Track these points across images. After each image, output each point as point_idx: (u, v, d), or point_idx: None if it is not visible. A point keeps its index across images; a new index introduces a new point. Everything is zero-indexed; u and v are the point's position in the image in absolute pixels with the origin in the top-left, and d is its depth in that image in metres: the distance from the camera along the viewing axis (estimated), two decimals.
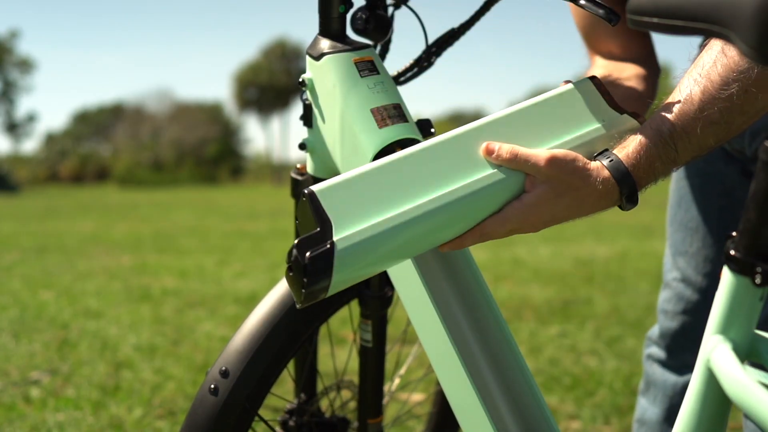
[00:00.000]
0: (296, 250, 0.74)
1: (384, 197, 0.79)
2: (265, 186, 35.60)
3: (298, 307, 0.77)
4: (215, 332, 3.50)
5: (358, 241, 0.76)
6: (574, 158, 0.83)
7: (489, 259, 5.87)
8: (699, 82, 0.81)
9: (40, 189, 33.93)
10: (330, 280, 0.75)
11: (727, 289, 0.67)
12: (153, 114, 48.76)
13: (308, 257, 0.74)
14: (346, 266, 0.76)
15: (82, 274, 5.43)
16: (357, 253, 0.76)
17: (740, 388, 0.62)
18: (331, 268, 0.75)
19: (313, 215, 0.76)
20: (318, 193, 0.77)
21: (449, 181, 0.82)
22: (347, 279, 0.77)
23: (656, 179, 0.85)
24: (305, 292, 0.75)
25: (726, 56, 0.80)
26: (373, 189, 0.79)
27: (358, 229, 0.76)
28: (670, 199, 1.35)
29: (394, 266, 0.97)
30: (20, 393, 2.61)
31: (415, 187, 0.81)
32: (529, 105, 0.90)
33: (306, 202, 0.76)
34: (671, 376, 1.34)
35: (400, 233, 0.79)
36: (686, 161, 0.84)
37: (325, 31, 1.02)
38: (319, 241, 0.75)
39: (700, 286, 1.29)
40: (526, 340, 3.32)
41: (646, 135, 0.82)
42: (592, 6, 0.88)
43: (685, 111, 0.81)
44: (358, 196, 0.78)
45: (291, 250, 0.75)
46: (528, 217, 0.83)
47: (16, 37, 45.42)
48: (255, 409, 0.99)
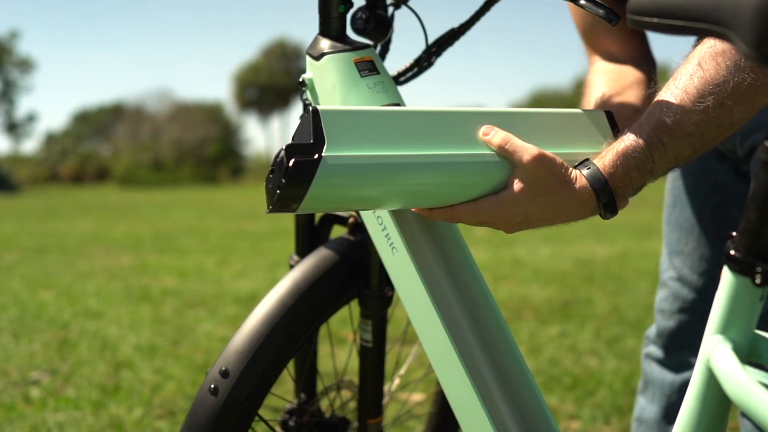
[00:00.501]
0: (284, 152, 0.77)
1: (380, 138, 0.83)
2: None
3: (267, 212, 0.81)
4: (215, 332, 3.50)
5: (343, 165, 0.79)
6: (559, 162, 0.85)
7: (489, 259, 5.87)
8: (676, 94, 0.83)
9: (40, 189, 33.92)
10: (306, 191, 0.78)
11: (727, 289, 0.67)
12: (153, 114, 48.74)
13: (294, 161, 0.77)
14: (324, 184, 0.79)
15: (82, 274, 5.43)
16: (338, 175, 0.79)
17: (740, 388, 0.62)
18: (311, 179, 0.78)
19: (311, 129, 0.79)
20: (321, 112, 0.80)
21: (441, 146, 0.85)
22: (321, 198, 0.80)
23: (634, 189, 0.86)
24: (279, 194, 0.78)
25: (702, 69, 0.82)
26: (374, 127, 0.83)
27: (346, 154, 0.80)
28: (666, 199, 1.36)
29: (394, 267, 0.97)
30: (20, 393, 2.61)
31: (410, 140, 0.84)
32: (540, 112, 0.93)
33: (308, 116, 0.79)
34: (669, 375, 1.35)
35: (382, 174, 0.82)
36: (664, 172, 0.86)
37: (325, 31, 1.02)
38: (308, 152, 0.78)
39: (696, 285, 1.30)
40: (526, 340, 3.32)
41: (624, 145, 0.84)
42: (592, 6, 0.88)
43: (662, 122, 0.83)
44: (358, 127, 0.82)
45: (278, 153, 0.78)
46: (500, 212, 0.85)
47: (16, 37, 45.43)
48: (255, 409, 0.99)
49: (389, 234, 0.96)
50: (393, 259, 0.96)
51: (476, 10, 1.11)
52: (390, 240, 0.96)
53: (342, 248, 1.10)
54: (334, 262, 1.07)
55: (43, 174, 45.56)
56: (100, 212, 13.87)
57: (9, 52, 43.92)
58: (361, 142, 0.81)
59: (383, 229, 0.96)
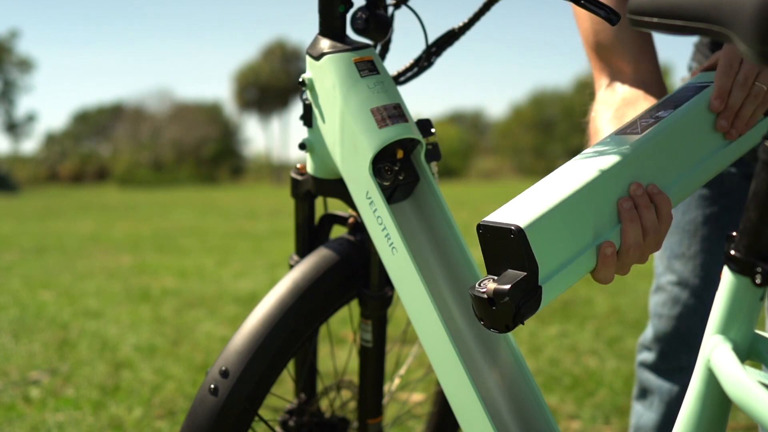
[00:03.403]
0: (509, 297, 0.74)
1: (574, 230, 0.80)
2: (265, 186, 35.59)
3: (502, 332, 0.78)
4: (215, 332, 3.50)
5: (559, 283, 0.78)
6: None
7: None
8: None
9: (39, 189, 33.93)
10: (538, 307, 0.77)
11: (728, 289, 0.67)
12: (153, 114, 48.74)
13: (521, 303, 0.75)
14: (546, 302, 0.78)
15: (82, 274, 5.42)
16: (556, 292, 0.78)
17: (740, 388, 0.62)
18: (537, 309, 0.77)
19: (523, 256, 0.75)
20: (528, 232, 0.75)
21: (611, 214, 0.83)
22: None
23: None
24: (510, 326, 0.76)
25: None
26: (566, 220, 0.79)
27: (560, 272, 0.78)
28: None
29: (394, 267, 0.97)
30: (20, 393, 2.61)
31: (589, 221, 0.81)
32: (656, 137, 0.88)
33: (515, 239, 0.75)
34: (666, 382, 1.34)
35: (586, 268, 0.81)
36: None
37: (325, 31, 1.03)
38: (529, 286, 0.75)
39: (697, 289, 1.29)
40: (526, 340, 3.32)
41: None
42: (592, 6, 0.88)
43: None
44: (556, 230, 0.78)
45: (498, 290, 0.74)
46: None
47: (16, 37, 45.46)
48: (255, 409, 0.99)
49: (389, 234, 0.96)
50: (393, 259, 0.96)
51: (476, 10, 1.11)
52: (390, 240, 0.96)
53: (342, 248, 1.10)
54: (334, 262, 1.07)
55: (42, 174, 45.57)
56: (100, 212, 13.86)
57: (9, 52, 43.91)
58: (564, 245, 0.78)
59: (383, 229, 0.96)
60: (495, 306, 0.75)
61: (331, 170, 1.06)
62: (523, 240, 0.74)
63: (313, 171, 1.09)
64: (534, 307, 0.76)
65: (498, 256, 0.77)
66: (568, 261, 0.79)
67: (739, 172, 1.22)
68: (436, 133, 1.06)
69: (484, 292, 0.75)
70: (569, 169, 0.84)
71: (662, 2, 0.68)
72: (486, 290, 0.75)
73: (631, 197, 0.83)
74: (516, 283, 0.74)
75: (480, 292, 0.76)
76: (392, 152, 1.00)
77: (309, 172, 1.10)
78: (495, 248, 0.77)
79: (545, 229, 0.76)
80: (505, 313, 0.75)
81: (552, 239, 0.77)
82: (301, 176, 1.13)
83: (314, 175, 1.09)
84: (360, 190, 0.98)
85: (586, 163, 0.84)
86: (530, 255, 0.75)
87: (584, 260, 0.80)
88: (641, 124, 0.90)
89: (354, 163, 0.98)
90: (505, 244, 0.76)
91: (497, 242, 0.77)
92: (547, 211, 0.77)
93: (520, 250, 0.75)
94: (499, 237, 0.76)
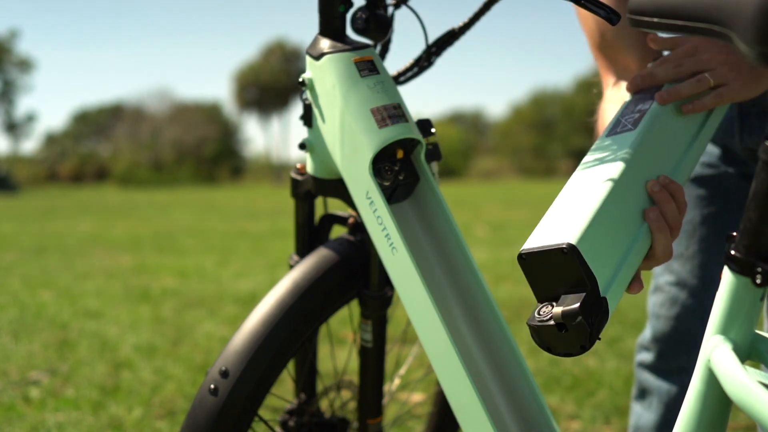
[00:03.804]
0: (581, 316, 0.73)
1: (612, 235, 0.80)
2: (265, 186, 35.58)
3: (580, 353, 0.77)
4: (215, 332, 3.50)
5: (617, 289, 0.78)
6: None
7: (489, 259, 5.87)
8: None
9: (39, 189, 33.92)
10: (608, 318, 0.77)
11: (728, 289, 0.67)
12: (152, 114, 48.71)
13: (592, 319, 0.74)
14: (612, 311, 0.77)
15: (82, 274, 5.42)
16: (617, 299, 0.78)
17: (741, 388, 0.62)
18: (607, 320, 0.76)
19: (580, 272, 0.74)
20: (579, 246, 0.74)
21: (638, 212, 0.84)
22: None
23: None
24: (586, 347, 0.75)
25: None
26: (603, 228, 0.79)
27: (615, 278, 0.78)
28: None
29: (394, 267, 0.97)
30: (20, 393, 2.61)
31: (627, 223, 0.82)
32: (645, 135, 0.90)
33: (569, 257, 0.74)
34: (665, 382, 1.34)
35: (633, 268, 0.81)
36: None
37: (325, 31, 1.02)
38: (595, 300, 0.74)
39: (696, 289, 1.29)
40: (526, 340, 3.32)
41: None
42: (592, 6, 0.88)
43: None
44: (599, 239, 0.77)
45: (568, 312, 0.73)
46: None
47: (16, 37, 45.47)
48: (255, 409, 0.99)
49: (389, 234, 0.96)
50: (393, 259, 0.96)
51: (476, 10, 1.10)
52: (390, 240, 0.96)
53: (342, 248, 1.10)
54: (334, 262, 1.07)
55: (42, 174, 45.55)
56: (100, 212, 13.86)
57: (9, 52, 43.89)
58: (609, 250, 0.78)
59: (383, 229, 0.96)
60: (566, 330, 0.73)
61: (331, 170, 1.06)
62: (577, 256, 0.73)
63: (313, 171, 1.09)
64: (604, 319, 0.75)
65: (549, 281, 0.76)
66: (618, 266, 0.78)
67: (737, 172, 1.22)
68: (436, 133, 1.06)
69: (550, 318, 0.74)
70: (583, 179, 0.85)
71: (662, 2, 0.68)
72: (552, 316, 0.73)
73: (652, 196, 0.84)
74: (584, 300, 0.73)
75: (543, 320, 0.74)
76: (392, 152, 1.00)
77: (309, 172, 1.10)
78: (544, 273, 0.76)
79: (591, 240, 0.76)
80: (579, 334, 0.73)
81: (599, 249, 0.76)
82: (301, 176, 1.13)
83: (314, 175, 1.09)
84: (360, 190, 0.98)
85: (597, 170, 0.85)
86: (587, 269, 0.74)
87: (631, 261, 0.80)
88: (627, 120, 0.91)
89: (354, 163, 0.98)
90: (557, 265, 0.74)
91: (546, 267, 0.75)
92: (588, 223, 0.77)
93: (576, 266, 0.74)
94: (548, 261, 0.75)
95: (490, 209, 12.40)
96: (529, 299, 4.22)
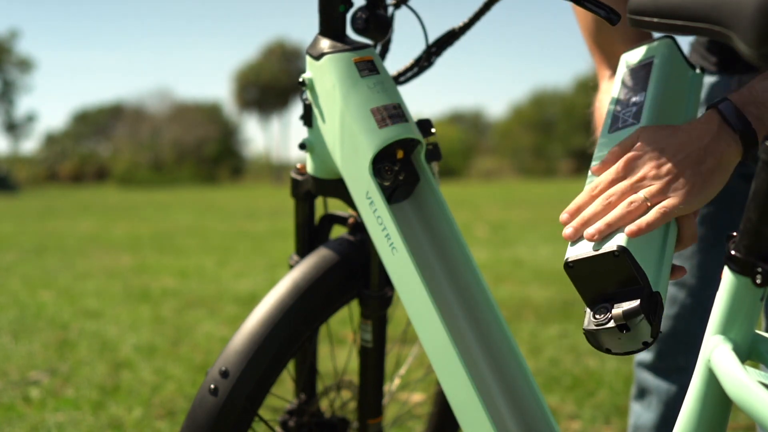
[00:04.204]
0: (643, 313, 0.74)
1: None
2: (265, 186, 35.58)
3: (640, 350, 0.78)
4: (215, 332, 3.50)
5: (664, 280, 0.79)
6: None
7: (489, 259, 5.87)
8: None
9: (39, 189, 33.93)
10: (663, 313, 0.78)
11: (728, 289, 0.67)
12: (153, 114, 48.71)
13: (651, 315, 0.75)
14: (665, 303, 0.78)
15: (82, 274, 5.42)
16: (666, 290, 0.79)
17: (741, 388, 0.62)
18: (663, 314, 0.77)
19: (632, 272, 0.75)
20: (630, 249, 0.75)
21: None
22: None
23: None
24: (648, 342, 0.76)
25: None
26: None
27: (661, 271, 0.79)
28: None
29: (394, 267, 0.97)
30: (20, 393, 2.61)
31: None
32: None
33: (621, 259, 0.75)
34: (664, 382, 1.34)
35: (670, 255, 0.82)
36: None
37: (325, 31, 1.02)
38: (649, 295, 0.76)
39: (694, 289, 1.29)
40: (526, 340, 3.32)
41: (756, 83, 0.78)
42: (592, 6, 0.88)
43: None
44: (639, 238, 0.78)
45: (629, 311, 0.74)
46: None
47: (16, 37, 45.46)
48: (255, 409, 0.99)
49: (389, 234, 0.96)
50: (393, 259, 0.96)
51: (476, 10, 1.10)
52: (390, 240, 0.96)
53: (342, 248, 1.10)
54: (334, 262, 1.07)
55: (42, 174, 45.58)
56: (100, 212, 13.86)
57: (9, 52, 43.91)
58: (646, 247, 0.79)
59: (383, 229, 0.96)
60: (628, 329, 0.75)
61: (331, 170, 1.06)
62: (629, 257, 0.75)
63: (313, 171, 1.09)
64: (661, 313, 0.76)
65: (599, 285, 0.77)
66: (659, 257, 0.79)
67: (737, 172, 1.22)
68: (436, 133, 1.06)
69: (610, 320, 0.75)
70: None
71: (662, 2, 0.68)
72: (613, 317, 0.75)
73: None
74: (642, 297, 0.74)
75: (602, 324, 0.75)
76: (392, 152, 1.00)
77: (309, 172, 1.10)
78: (594, 279, 0.77)
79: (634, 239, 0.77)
80: (642, 331, 0.75)
81: (642, 245, 0.77)
82: (301, 176, 1.13)
83: (314, 175, 1.09)
84: (360, 190, 0.98)
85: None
86: (639, 268, 0.75)
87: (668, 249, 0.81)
88: (626, 114, 0.91)
89: (354, 163, 0.98)
90: (608, 269, 0.76)
91: (596, 272, 0.76)
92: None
93: (628, 267, 0.75)
94: (597, 266, 0.76)
95: (490, 209, 12.40)
96: (530, 299, 4.22)
